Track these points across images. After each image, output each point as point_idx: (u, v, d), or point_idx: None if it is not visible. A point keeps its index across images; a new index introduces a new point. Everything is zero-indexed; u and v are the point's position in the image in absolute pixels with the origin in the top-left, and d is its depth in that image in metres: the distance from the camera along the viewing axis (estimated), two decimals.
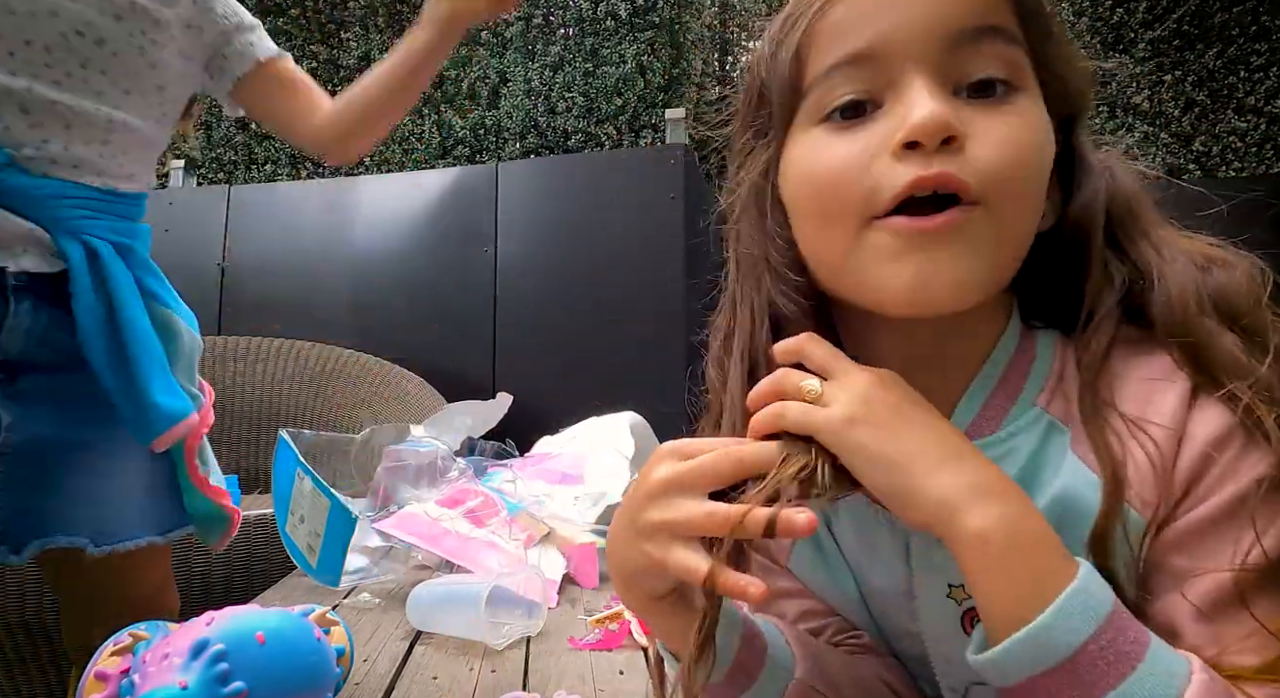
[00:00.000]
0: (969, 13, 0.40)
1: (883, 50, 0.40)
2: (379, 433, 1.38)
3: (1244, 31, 2.43)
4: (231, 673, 0.56)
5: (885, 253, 0.40)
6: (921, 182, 0.38)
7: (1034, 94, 0.41)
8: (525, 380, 2.22)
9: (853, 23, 0.41)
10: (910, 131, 0.38)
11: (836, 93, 0.42)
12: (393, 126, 1.05)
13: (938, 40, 0.39)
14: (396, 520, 1.10)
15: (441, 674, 0.78)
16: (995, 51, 0.40)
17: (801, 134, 0.44)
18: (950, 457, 0.37)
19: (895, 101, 0.40)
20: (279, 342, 2.30)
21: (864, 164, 0.40)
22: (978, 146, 0.39)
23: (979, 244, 0.39)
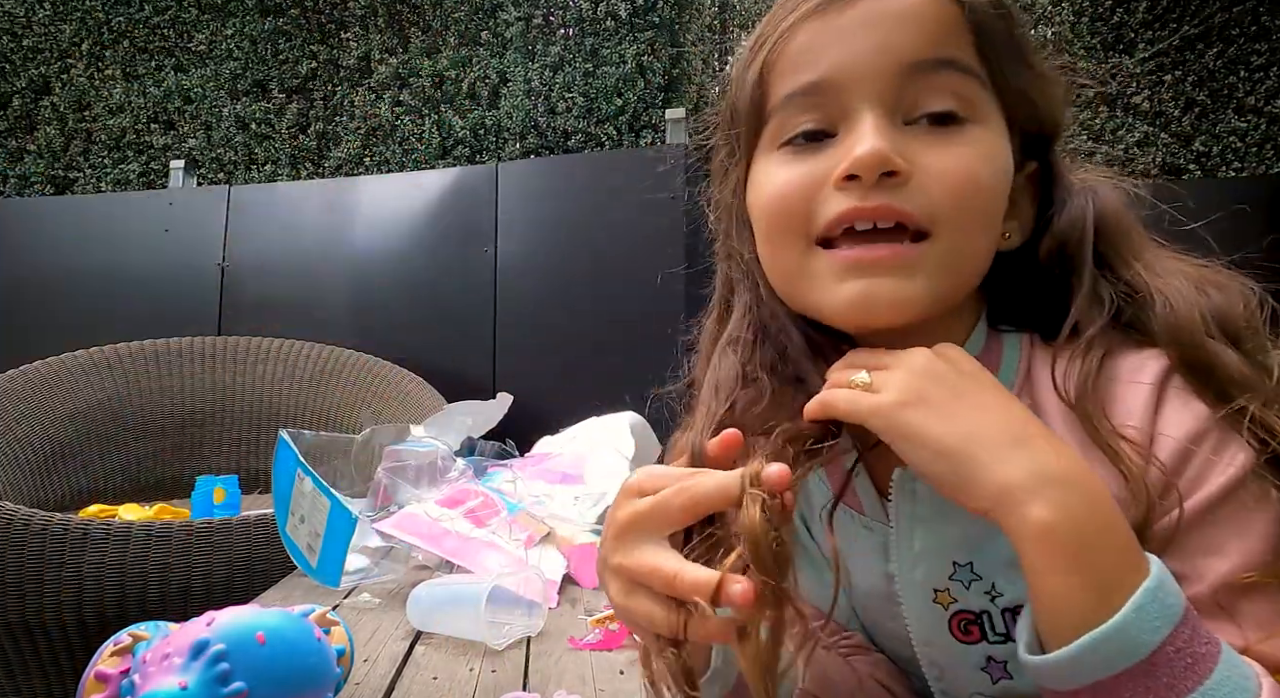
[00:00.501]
0: (922, 46, 0.41)
1: (836, 82, 0.41)
2: (379, 433, 1.37)
3: (1244, 31, 2.43)
4: (231, 673, 0.56)
5: (828, 276, 0.42)
6: (858, 212, 0.40)
7: (989, 123, 0.42)
8: (525, 380, 2.22)
9: (811, 52, 0.42)
10: (850, 165, 0.40)
11: (794, 121, 0.43)
12: None
13: (890, 74, 0.40)
14: (397, 521, 1.10)
15: (441, 674, 0.78)
16: (947, 84, 0.41)
17: (764, 157, 0.45)
18: (1013, 440, 0.35)
19: (846, 133, 0.41)
20: (279, 342, 2.30)
21: (808, 192, 0.42)
22: (925, 178, 0.40)
23: (924, 272, 0.41)
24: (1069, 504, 0.33)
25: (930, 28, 0.41)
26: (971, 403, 0.37)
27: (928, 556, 0.46)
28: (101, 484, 2.02)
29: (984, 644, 0.45)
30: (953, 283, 0.42)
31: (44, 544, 1.27)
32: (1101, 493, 0.34)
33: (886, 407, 0.38)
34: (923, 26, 0.41)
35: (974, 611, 0.45)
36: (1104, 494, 0.34)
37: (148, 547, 1.30)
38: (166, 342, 2.21)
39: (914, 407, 0.37)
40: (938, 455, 0.36)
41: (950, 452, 0.36)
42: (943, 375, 0.38)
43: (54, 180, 2.96)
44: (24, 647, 1.33)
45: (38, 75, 2.98)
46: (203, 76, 2.95)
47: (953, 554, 0.45)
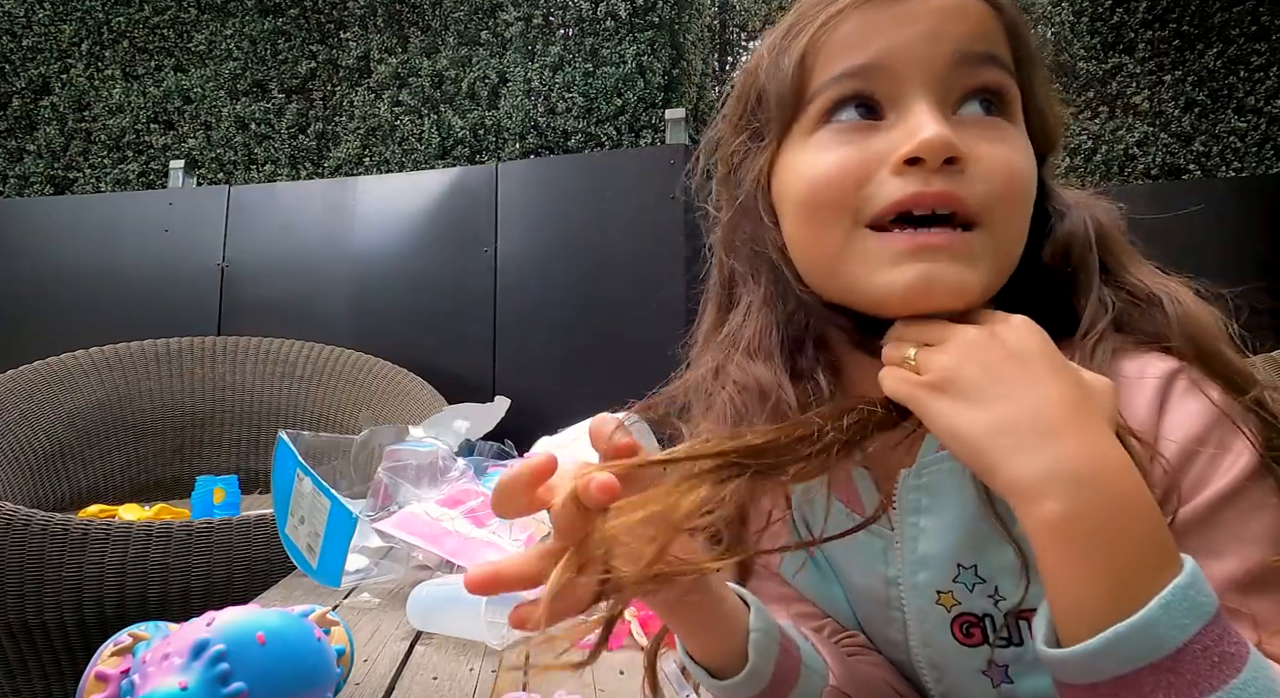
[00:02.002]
0: (972, 38, 0.41)
1: (889, 65, 0.41)
2: (378, 434, 1.37)
3: (1244, 31, 2.43)
4: (232, 673, 0.56)
5: (885, 258, 0.40)
6: (922, 197, 0.39)
7: (1019, 125, 0.43)
8: (525, 381, 2.22)
9: (860, 37, 0.42)
10: (917, 148, 0.39)
11: (839, 103, 0.42)
12: None
13: (941, 62, 0.41)
14: (397, 520, 1.10)
15: (441, 674, 0.78)
16: (992, 78, 0.42)
17: (801, 139, 0.44)
18: (1041, 431, 0.33)
19: (899, 117, 0.41)
20: (279, 342, 2.30)
21: (864, 172, 0.41)
22: (977, 169, 0.40)
23: (981, 261, 0.40)
24: (1084, 500, 0.32)
25: (976, 22, 0.41)
26: (1006, 389, 0.35)
27: (932, 559, 0.46)
28: (101, 484, 2.02)
29: (985, 647, 0.45)
30: (1000, 274, 0.42)
31: (44, 544, 1.27)
32: (1130, 489, 0.32)
33: (918, 390, 0.37)
34: (969, 21, 0.41)
35: (977, 613, 0.45)
36: (1133, 490, 0.32)
37: (148, 547, 1.30)
38: (166, 342, 2.21)
39: (944, 392, 0.36)
40: (963, 446, 0.35)
41: (973, 443, 0.34)
42: (985, 355, 0.36)
43: (54, 180, 2.96)
44: (24, 647, 1.33)
45: (38, 75, 2.98)
46: (202, 76, 2.95)
47: (958, 557, 0.45)
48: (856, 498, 0.50)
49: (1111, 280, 0.45)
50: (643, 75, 2.67)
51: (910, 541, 0.47)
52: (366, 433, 1.38)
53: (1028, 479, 0.33)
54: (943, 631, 0.46)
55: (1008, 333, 0.37)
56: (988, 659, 0.45)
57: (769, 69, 0.46)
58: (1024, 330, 0.37)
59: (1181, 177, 2.41)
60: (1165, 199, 2.22)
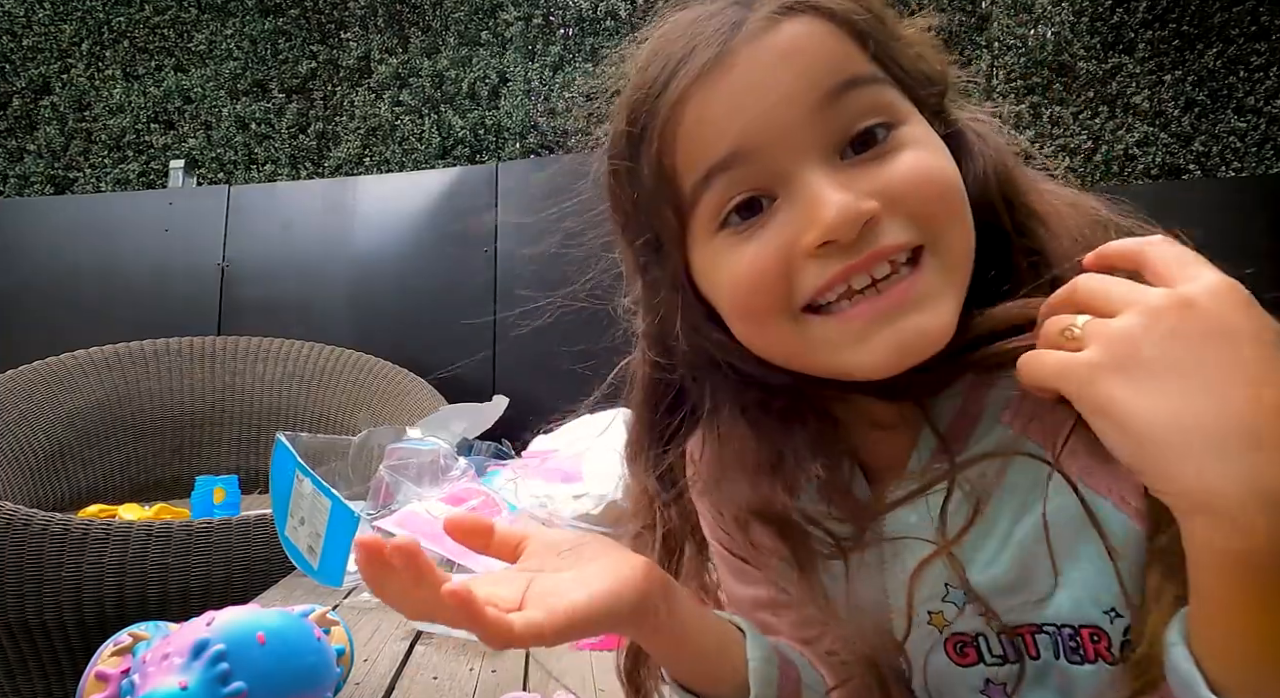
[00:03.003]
0: (820, 77, 0.38)
1: (755, 145, 0.38)
2: (376, 434, 1.38)
3: (1244, 31, 2.43)
4: (232, 673, 0.56)
5: (847, 338, 0.38)
6: (852, 270, 0.37)
7: (911, 117, 0.40)
8: (525, 381, 2.21)
9: (711, 126, 0.39)
10: (824, 233, 0.36)
11: (725, 197, 0.39)
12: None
13: (804, 118, 0.38)
14: (398, 519, 1.10)
15: (441, 674, 0.78)
16: (862, 101, 0.38)
17: (703, 245, 0.42)
18: (1242, 437, 0.27)
19: (791, 195, 0.38)
20: (279, 342, 2.30)
21: (780, 269, 0.38)
22: (896, 205, 0.37)
23: (937, 287, 0.38)
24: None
25: (820, 56, 0.38)
26: (1205, 376, 0.28)
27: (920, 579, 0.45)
28: (101, 484, 2.02)
29: (981, 667, 0.44)
30: (964, 281, 0.40)
31: (44, 544, 1.27)
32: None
33: (1082, 369, 0.31)
34: (813, 58, 0.38)
35: (969, 633, 0.44)
36: None
37: (148, 547, 1.30)
38: (166, 342, 2.21)
39: (1117, 372, 0.30)
40: (1129, 438, 0.29)
41: (1145, 435, 0.29)
42: (1178, 328, 0.29)
43: (54, 180, 2.96)
44: (24, 647, 1.33)
45: (38, 75, 2.98)
46: (203, 76, 2.95)
47: (945, 576, 0.44)
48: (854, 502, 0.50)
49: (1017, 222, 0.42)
50: None
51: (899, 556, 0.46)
52: (365, 434, 1.38)
53: (1218, 491, 0.27)
54: (937, 651, 0.45)
55: (1208, 300, 0.30)
56: (985, 678, 0.44)
57: (629, 180, 0.43)
58: (1228, 298, 0.30)
59: (1181, 176, 2.41)
60: (1165, 199, 2.21)
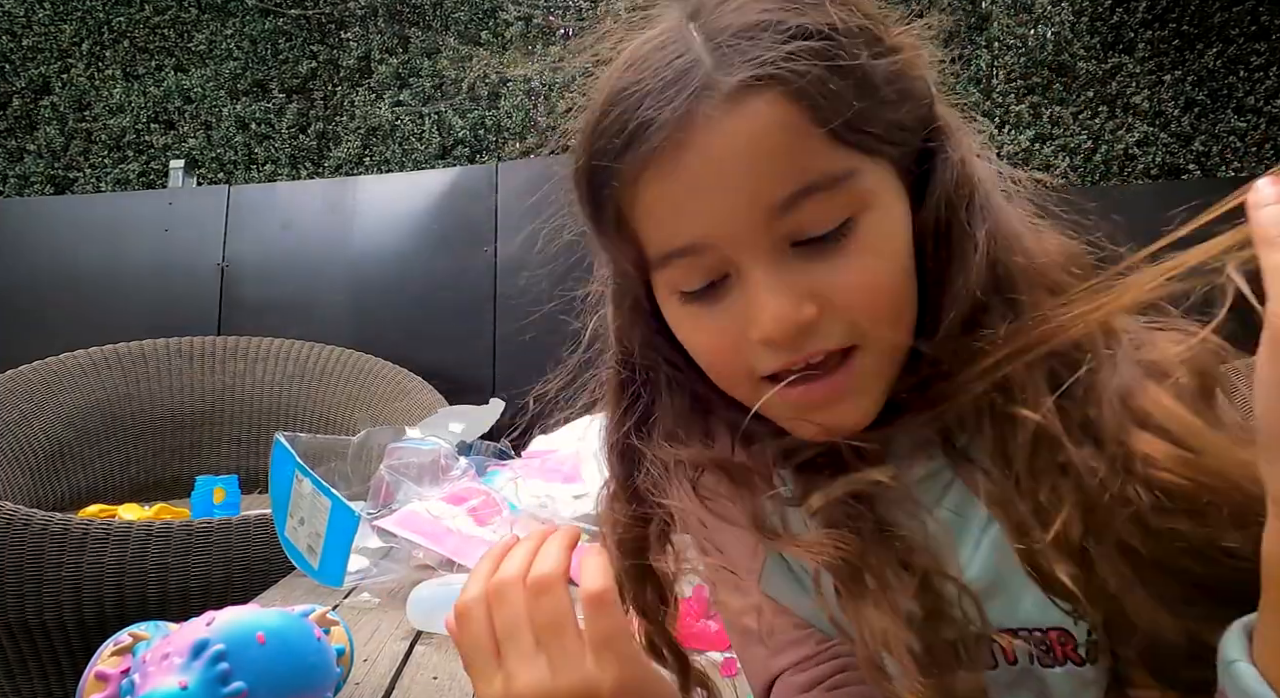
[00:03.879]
0: (777, 182, 0.37)
1: (709, 243, 0.39)
2: (375, 435, 1.37)
3: (1244, 31, 2.43)
4: (232, 673, 0.56)
5: (786, 412, 0.42)
6: (790, 365, 0.40)
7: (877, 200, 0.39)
8: (525, 380, 2.21)
9: (667, 213, 0.40)
10: (762, 339, 0.39)
11: (682, 281, 0.41)
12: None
13: (757, 222, 0.38)
14: (398, 518, 1.10)
15: (441, 674, 0.78)
16: (819, 205, 0.38)
17: (665, 296, 0.44)
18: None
19: (741, 282, 0.39)
20: (279, 342, 2.30)
21: (735, 349, 0.41)
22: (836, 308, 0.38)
23: (870, 379, 0.41)
24: None
25: (779, 155, 0.37)
26: None
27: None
28: (101, 484, 2.02)
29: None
30: (893, 372, 0.42)
31: (44, 544, 1.27)
32: None
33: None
34: (771, 158, 0.37)
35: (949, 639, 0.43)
36: None
37: (148, 547, 1.30)
38: (166, 342, 2.21)
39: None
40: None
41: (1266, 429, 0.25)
42: None
43: (54, 180, 2.96)
44: (24, 647, 1.33)
45: (38, 75, 2.98)
46: (203, 76, 2.95)
47: None
48: None
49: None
50: None
51: None
52: (365, 434, 1.38)
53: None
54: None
55: None
56: None
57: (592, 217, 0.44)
58: None
59: (1181, 176, 2.41)
60: (1165, 199, 2.21)
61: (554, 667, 0.36)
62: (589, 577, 0.36)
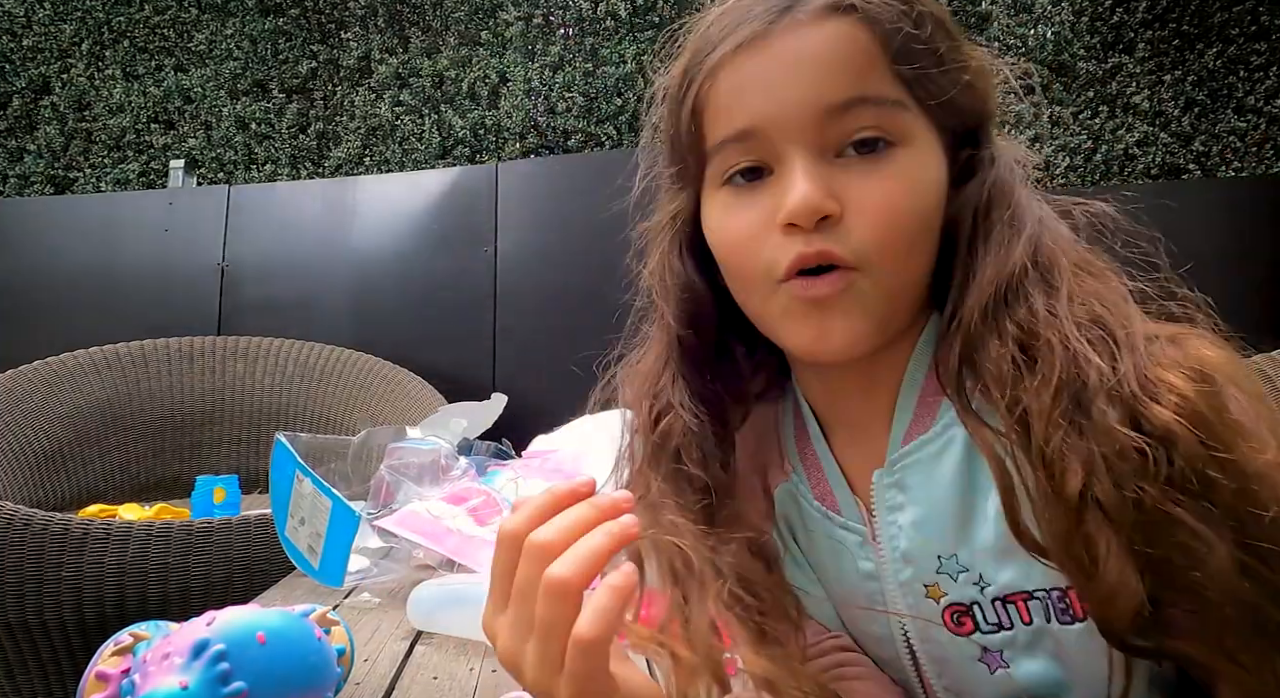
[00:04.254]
0: (839, 87, 0.42)
1: (763, 130, 0.43)
2: (375, 434, 1.37)
3: (1244, 31, 2.43)
4: (232, 673, 0.56)
5: (789, 315, 0.45)
6: (803, 259, 0.43)
7: (916, 142, 0.43)
8: (524, 380, 2.21)
9: (736, 99, 0.44)
10: (786, 216, 0.42)
11: (731, 162, 0.46)
12: None
13: (811, 117, 0.42)
14: (398, 518, 1.10)
15: (441, 674, 0.78)
16: (869, 118, 0.43)
17: (712, 193, 0.48)
18: None
19: (780, 174, 0.44)
20: (279, 342, 2.30)
21: (760, 237, 0.44)
22: (854, 219, 0.42)
23: (865, 305, 0.43)
24: None
25: (847, 66, 0.42)
26: None
27: (914, 553, 0.47)
28: (101, 484, 2.02)
29: (977, 634, 0.45)
30: (892, 311, 0.45)
31: (44, 544, 1.27)
32: None
33: None
34: (839, 66, 0.42)
35: (964, 602, 0.45)
36: None
37: (148, 547, 1.30)
38: (166, 342, 2.21)
39: None
40: None
41: None
42: None
43: (54, 180, 2.96)
44: (24, 647, 1.33)
45: (38, 75, 2.98)
46: (203, 76, 2.95)
47: (938, 548, 0.46)
48: (830, 497, 0.51)
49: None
50: (643, 75, 2.67)
51: (890, 540, 0.47)
52: (365, 434, 1.37)
53: None
54: (935, 623, 0.47)
55: None
56: (981, 647, 0.45)
57: (669, 120, 0.49)
58: None
59: (1181, 176, 2.41)
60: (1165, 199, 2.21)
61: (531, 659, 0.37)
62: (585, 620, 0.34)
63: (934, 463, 0.46)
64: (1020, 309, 0.42)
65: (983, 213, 0.45)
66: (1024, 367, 0.41)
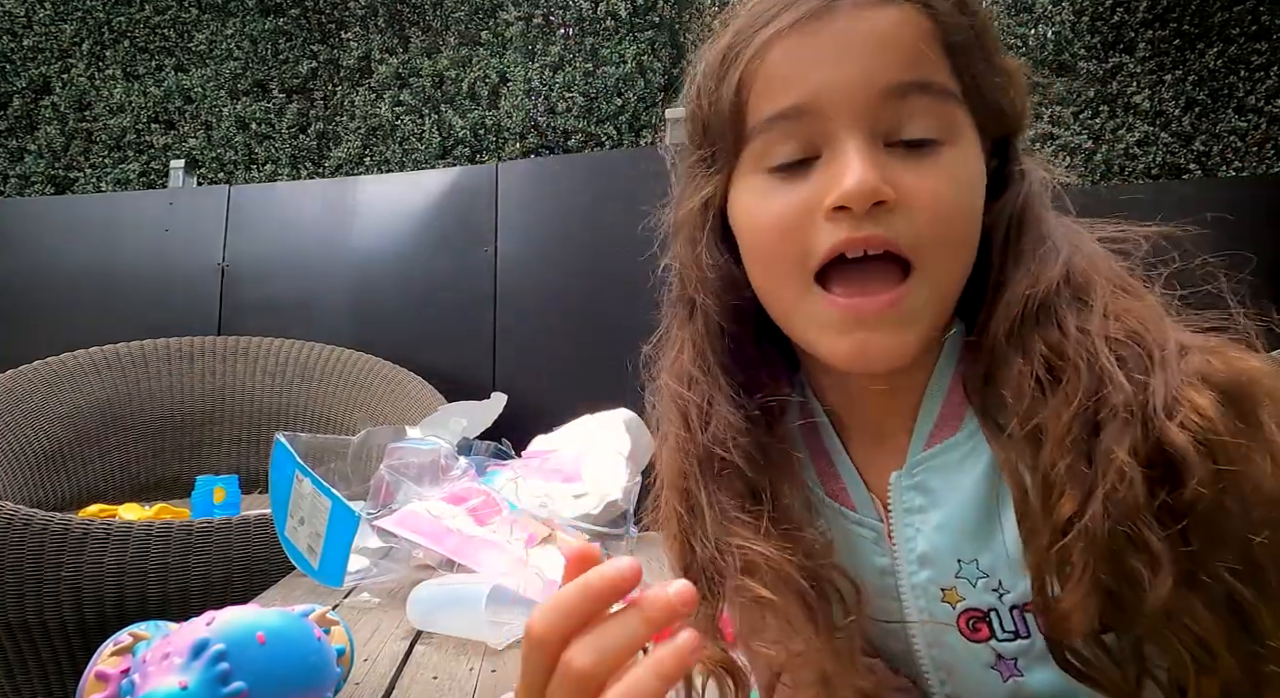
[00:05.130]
0: (899, 70, 0.41)
1: (817, 106, 0.41)
2: (375, 434, 1.37)
3: (1244, 31, 2.43)
4: (232, 673, 0.56)
5: (828, 324, 0.42)
6: (851, 242, 0.41)
7: (963, 140, 0.43)
8: (524, 380, 2.21)
9: (789, 73, 0.42)
10: (840, 198, 0.40)
11: (777, 148, 0.43)
12: None
13: (869, 99, 0.41)
14: (398, 518, 1.10)
15: (441, 674, 0.78)
16: (924, 107, 0.41)
17: (747, 178, 0.45)
18: None
19: (830, 157, 0.41)
20: (279, 342, 2.30)
21: (800, 223, 0.42)
22: (908, 207, 0.40)
23: (916, 313, 0.42)
24: None
25: (906, 50, 0.41)
26: None
27: (932, 556, 0.46)
28: (101, 484, 2.02)
29: (993, 642, 0.45)
30: (941, 316, 0.44)
31: (44, 544, 1.27)
32: None
33: None
34: (899, 49, 0.41)
35: (982, 608, 0.45)
36: None
37: (148, 547, 1.30)
38: (166, 342, 2.21)
39: None
40: None
41: None
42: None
43: (54, 180, 2.96)
44: (24, 647, 1.33)
45: (38, 75, 2.98)
46: (203, 76, 2.95)
47: (957, 552, 0.45)
48: (845, 494, 0.51)
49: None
50: (643, 75, 2.67)
51: (908, 542, 0.47)
52: (365, 434, 1.37)
53: None
54: (950, 628, 0.46)
55: None
56: (996, 654, 0.45)
57: (709, 96, 0.46)
58: None
59: (1182, 176, 2.41)
60: (1165, 199, 2.21)
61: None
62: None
63: (958, 468, 0.45)
64: (1050, 328, 0.41)
65: (1015, 227, 0.44)
66: (1047, 387, 0.40)
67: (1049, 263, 0.43)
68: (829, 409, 0.52)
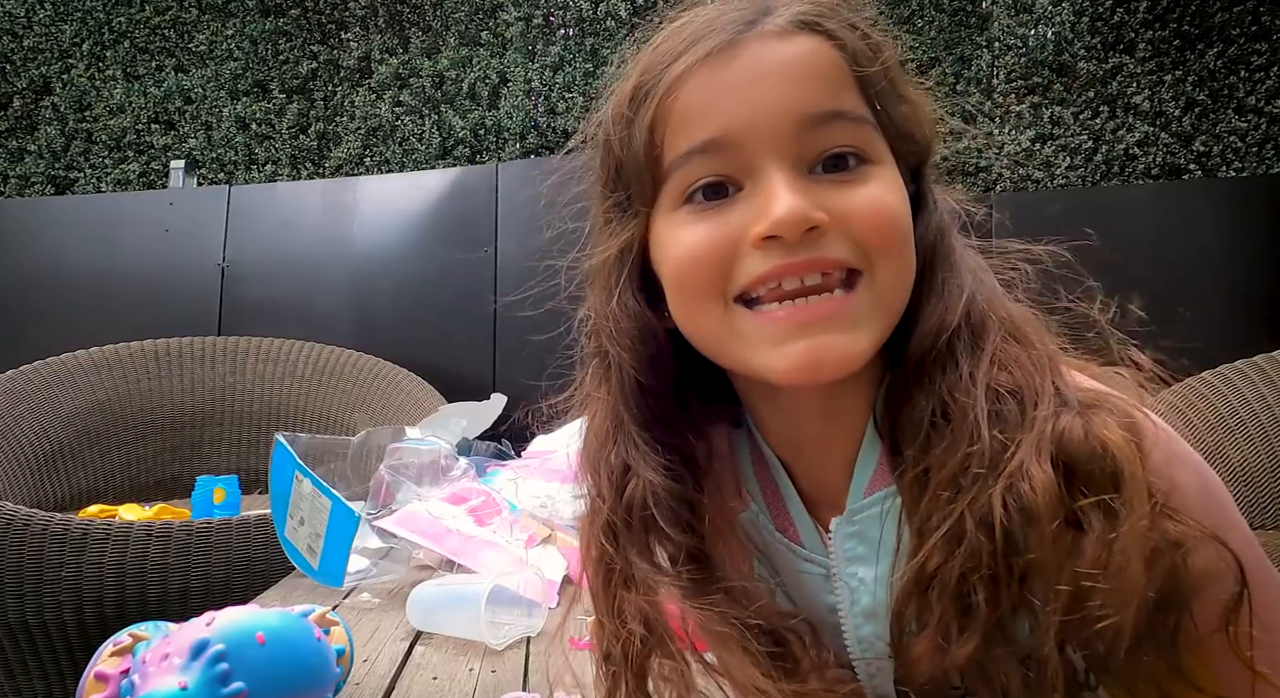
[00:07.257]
0: (815, 99, 0.40)
1: (737, 138, 0.40)
2: (375, 434, 1.37)
3: (1244, 31, 2.43)
4: (231, 673, 0.56)
5: (765, 339, 0.40)
6: (787, 269, 0.39)
7: (885, 162, 0.42)
8: (524, 380, 2.21)
9: (704, 108, 0.41)
10: (770, 227, 0.39)
11: (695, 175, 0.42)
12: None
13: (787, 127, 0.40)
14: (398, 518, 1.10)
15: (441, 674, 0.78)
16: (844, 133, 0.41)
17: (666, 216, 0.44)
18: None
19: (754, 188, 0.40)
20: (279, 342, 2.30)
21: (724, 251, 0.41)
22: (845, 224, 0.40)
23: (863, 316, 0.40)
24: None
25: (820, 80, 0.40)
26: None
27: (873, 611, 0.46)
28: (101, 484, 2.02)
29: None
30: (890, 321, 0.42)
31: (44, 544, 1.27)
32: None
33: None
34: (813, 79, 0.40)
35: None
36: None
37: (148, 547, 1.30)
38: (166, 342, 2.21)
39: None
40: None
41: None
42: None
43: (54, 180, 2.96)
44: (24, 647, 1.33)
45: (38, 75, 2.98)
46: (203, 76, 2.95)
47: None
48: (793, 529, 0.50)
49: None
50: None
51: (852, 592, 0.47)
52: (365, 434, 1.38)
53: None
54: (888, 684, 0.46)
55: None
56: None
57: (621, 139, 0.45)
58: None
59: (1182, 176, 2.41)
60: (1165, 199, 2.21)
61: None
62: None
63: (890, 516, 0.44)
64: (952, 368, 0.41)
65: (930, 257, 0.44)
66: (936, 430, 0.40)
67: (956, 298, 0.42)
68: (772, 443, 0.50)
